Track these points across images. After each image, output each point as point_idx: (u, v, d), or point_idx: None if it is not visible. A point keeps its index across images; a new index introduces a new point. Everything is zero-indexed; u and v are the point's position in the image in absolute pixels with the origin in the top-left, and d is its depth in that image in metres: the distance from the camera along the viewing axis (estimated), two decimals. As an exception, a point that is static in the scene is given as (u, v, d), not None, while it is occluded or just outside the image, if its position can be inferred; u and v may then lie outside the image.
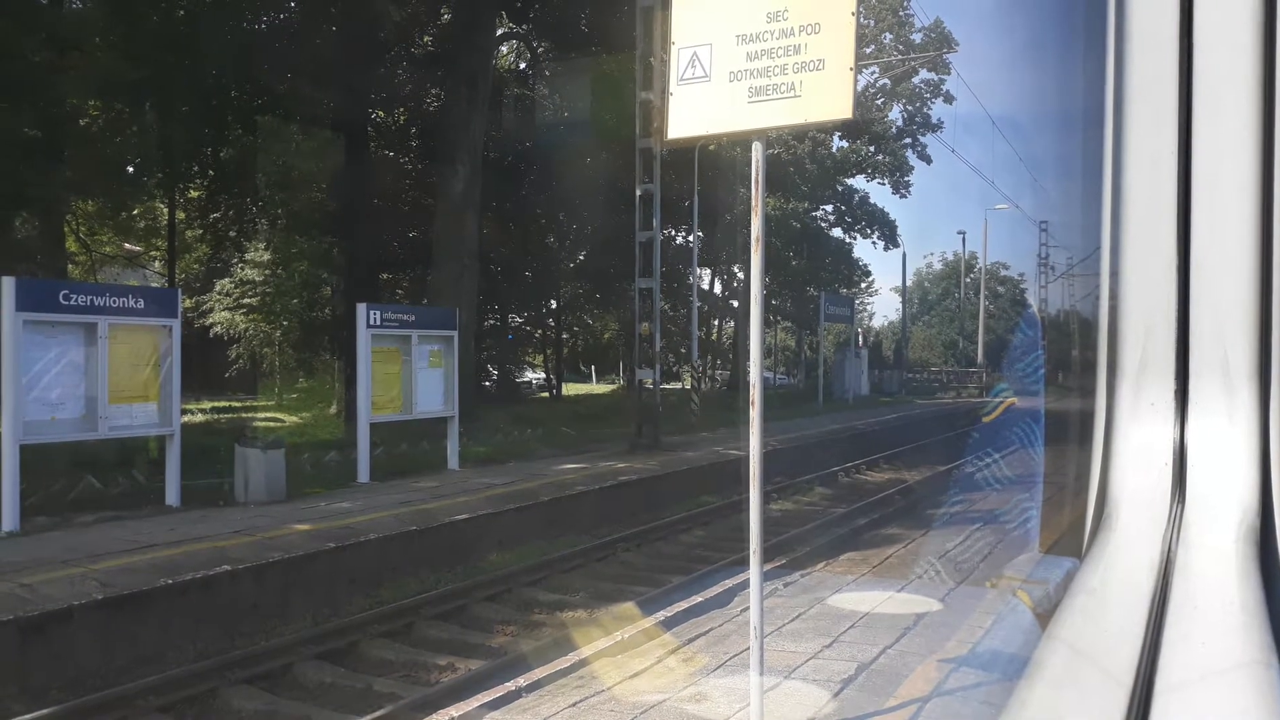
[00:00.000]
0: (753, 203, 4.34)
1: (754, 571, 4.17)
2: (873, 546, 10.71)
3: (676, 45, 4.34)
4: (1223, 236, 1.64)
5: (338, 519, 10.17)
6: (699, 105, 4.29)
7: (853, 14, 4.09)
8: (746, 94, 4.17)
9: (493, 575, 9.64)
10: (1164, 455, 1.66)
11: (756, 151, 4.29)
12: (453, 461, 14.62)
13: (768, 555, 8.38)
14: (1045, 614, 1.35)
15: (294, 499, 11.49)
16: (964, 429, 23.14)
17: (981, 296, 54.69)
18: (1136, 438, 1.70)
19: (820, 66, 4.04)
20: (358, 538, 9.40)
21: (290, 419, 23.03)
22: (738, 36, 4.18)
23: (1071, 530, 1.92)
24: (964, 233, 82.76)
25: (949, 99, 41.36)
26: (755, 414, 4.21)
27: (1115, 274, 1.76)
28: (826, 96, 4.07)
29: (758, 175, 4.29)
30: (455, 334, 14.66)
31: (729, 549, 10.53)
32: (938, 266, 67.47)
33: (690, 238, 26.96)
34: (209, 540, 9.00)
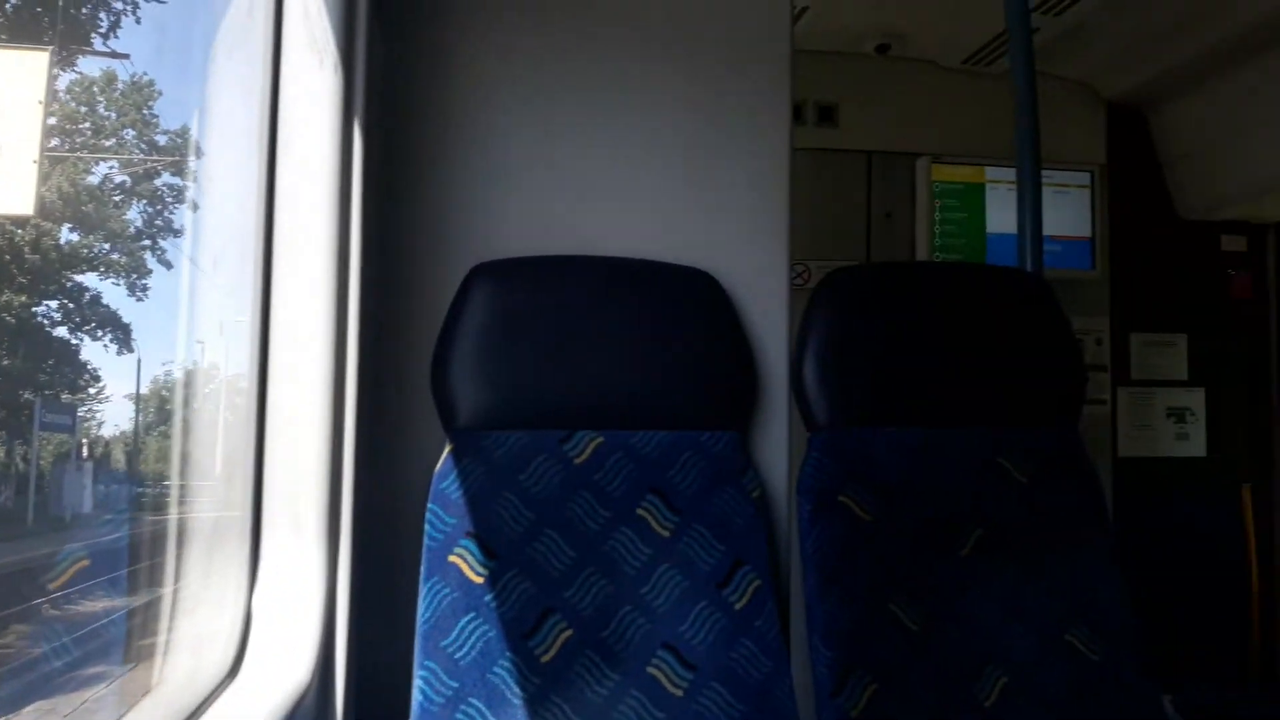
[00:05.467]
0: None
1: None
2: (71, 690, 9.46)
3: None
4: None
5: None
6: None
7: (40, 102, 3.73)
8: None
9: None
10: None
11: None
12: None
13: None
14: None
15: None
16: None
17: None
18: None
19: (-6, 154, 3.58)
20: None
21: None
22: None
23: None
24: (203, 342, 79.82)
25: (195, 207, 40.52)
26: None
27: None
28: (2, 188, 3.62)
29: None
30: None
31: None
32: (178, 374, 64.43)
33: None
34: None
